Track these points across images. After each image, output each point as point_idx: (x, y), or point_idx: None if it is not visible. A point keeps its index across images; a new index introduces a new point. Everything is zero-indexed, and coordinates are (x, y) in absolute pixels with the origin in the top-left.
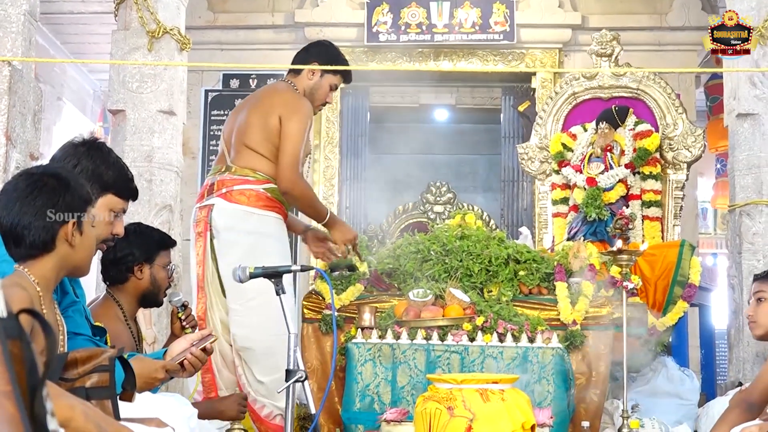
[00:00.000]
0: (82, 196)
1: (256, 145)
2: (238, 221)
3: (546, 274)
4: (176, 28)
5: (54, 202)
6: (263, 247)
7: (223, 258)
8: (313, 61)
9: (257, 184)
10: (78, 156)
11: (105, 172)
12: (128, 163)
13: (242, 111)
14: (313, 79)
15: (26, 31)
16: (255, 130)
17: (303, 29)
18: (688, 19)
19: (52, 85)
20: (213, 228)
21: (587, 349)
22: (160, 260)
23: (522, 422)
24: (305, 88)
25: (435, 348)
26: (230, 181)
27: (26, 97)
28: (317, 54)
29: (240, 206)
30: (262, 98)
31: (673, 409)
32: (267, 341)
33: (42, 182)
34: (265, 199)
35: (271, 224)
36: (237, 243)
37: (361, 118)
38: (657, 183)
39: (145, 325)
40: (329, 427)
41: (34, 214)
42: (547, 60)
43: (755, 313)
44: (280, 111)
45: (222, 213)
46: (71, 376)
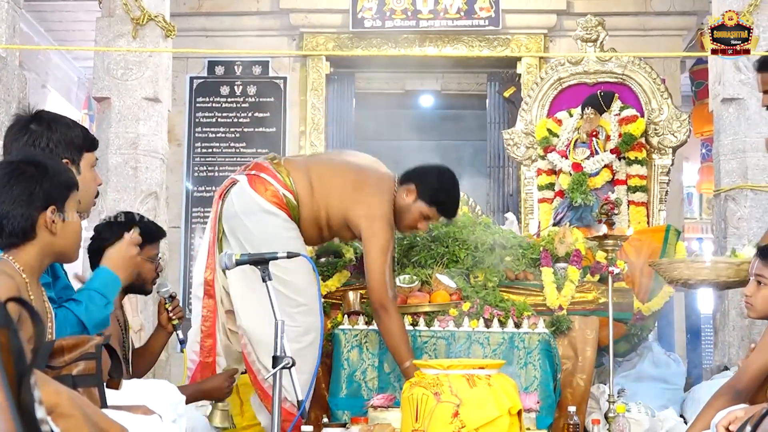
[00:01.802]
0: (63, 182)
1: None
2: (249, 205)
3: (532, 260)
4: (161, 14)
5: (31, 189)
6: (278, 233)
7: (241, 234)
8: (414, 184)
9: (281, 185)
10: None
11: (74, 135)
12: (114, 151)
13: (350, 165)
14: (406, 200)
15: (10, 19)
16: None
17: (288, 15)
18: (672, 4)
19: (36, 73)
20: (227, 201)
21: (573, 334)
22: (147, 251)
23: (509, 407)
24: (398, 205)
25: (421, 334)
26: (264, 167)
27: (10, 85)
28: (422, 182)
29: (254, 193)
30: (369, 179)
31: (659, 394)
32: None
33: (20, 170)
34: (278, 198)
35: (282, 218)
36: (243, 226)
37: (346, 104)
38: (642, 168)
39: (131, 312)
40: (316, 413)
41: (12, 202)
42: (532, 45)
43: (753, 295)
44: (371, 212)
45: (240, 193)
46: (58, 364)
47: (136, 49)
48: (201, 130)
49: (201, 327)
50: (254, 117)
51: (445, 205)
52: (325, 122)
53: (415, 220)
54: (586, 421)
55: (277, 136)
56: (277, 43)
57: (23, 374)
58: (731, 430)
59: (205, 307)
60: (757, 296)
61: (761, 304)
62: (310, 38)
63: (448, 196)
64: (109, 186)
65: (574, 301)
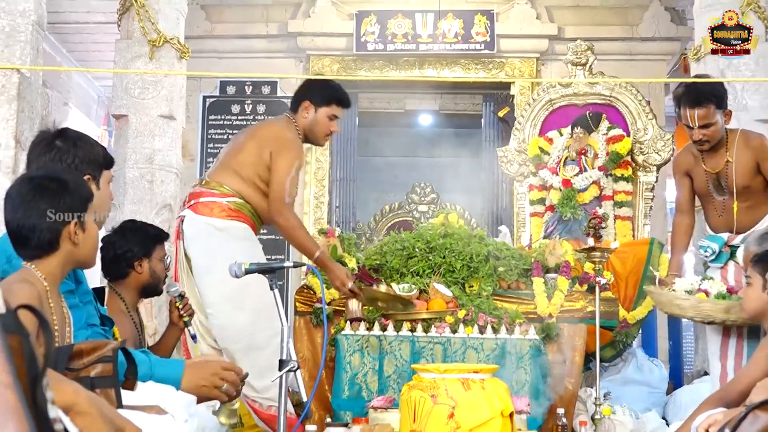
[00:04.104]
0: (82, 196)
1: (238, 165)
2: (201, 231)
3: (524, 270)
4: (176, 37)
5: (56, 203)
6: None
7: (195, 266)
8: (306, 100)
9: (221, 197)
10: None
11: (96, 153)
12: (131, 165)
13: (240, 136)
14: (308, 117)
15: (34, 41)
16: (244, 154)
17: (296, 38)
18: (658, 31)
19: (58, 91)
20: (184, 238)
21: (562, 341)
22: (157, 253)
23: (501, 409)
24: (304, 125)
25: (419, 339)
26: (199, 193)
27: (34, 103)
28: (310, 93)
29: (203, 217)
30: (261, 128)
31: (643, 397)
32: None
33: (43, 186)
34: (228, 210)
35: (233, 231)
36: (205, 251)
37: (350, 123)
38: (628, 184)
39: (147, 317)
40: (320, 413)
41: (38, 216)
42: (525, 69)
43: (744, 295)
44: (272, 146)
45: (190, 224)
46: (77, 366)
47: (153, 71)
48: (213, 146)
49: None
50: None
51: (337, 96)
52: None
53: (325, 125)
54: (573, 423)
55: None
56: (285, 64)
57: (36, 377)
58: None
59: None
60: (745, 296)
61: (749, 304)
62: (316, 60)
63: (333, 88)
64: (126, 198)
65: (563, 309)
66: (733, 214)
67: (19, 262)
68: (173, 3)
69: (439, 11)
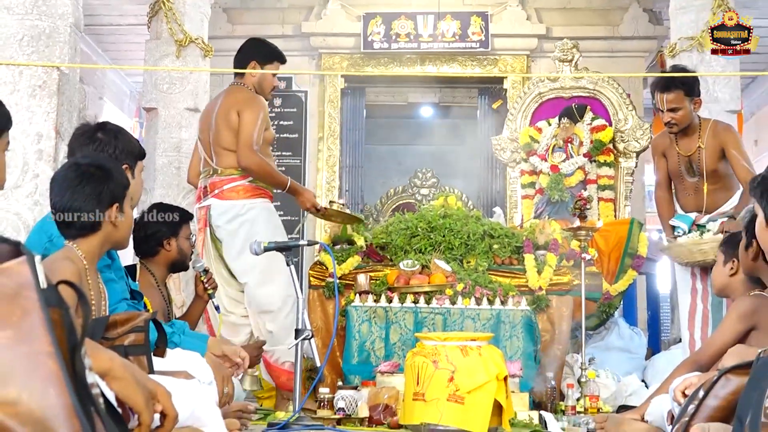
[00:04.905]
0: (122, 183)
1: (228, 144)
2: (233, 214)
3: (516, 248)
4: (200, 37)
5: (100, 190)
6: (256, 229)
7: (227, 247)
8: (251, 60)
9: (241, 179)
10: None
11: (133, 146)
12: (160, 153)
13: (211, 116)
14: (256, 76)
15: (72, 41)
16: (223, 131)
17: (309, 38)
18: (637, 30)
19: (94, 87)
20: (212, 225)
21: (551, 311)
22: (184, 232)
23: (496, 374)
24: (254, 84)
25: (422, 310)
26: (220, 182)
27: (72, 97)
28: (253, 52)
29: (232, 201)
30: (222, 102)
31: (624, 362)
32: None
33: (89, 173)
34: (252, 189)
35: (259, 210)
36: (236, 232)
37: (358, 115)
38: (610, 170)
39: (175, 291)
40: (332, 377)
41: (83, 200)
42: (516, 65)
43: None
44: (236, 108)
45: (219, 210)
46: (112, 336)
47: (179, 68)
48: None
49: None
50: (279, 125)
51: (276, 53)
52: (340, 130)
53: (270, 81)
54: (561, 386)
55: (298, 141)
56: (299, 62)
57: (75, 346)
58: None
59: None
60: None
61: (715, 278)
62: (327, 58)
63: (273, 47)
64: (156, 183)
65: (552, 282)
66: (704, 195)
67: (59, 242)
68: (198, 6)
69: (438, 13)
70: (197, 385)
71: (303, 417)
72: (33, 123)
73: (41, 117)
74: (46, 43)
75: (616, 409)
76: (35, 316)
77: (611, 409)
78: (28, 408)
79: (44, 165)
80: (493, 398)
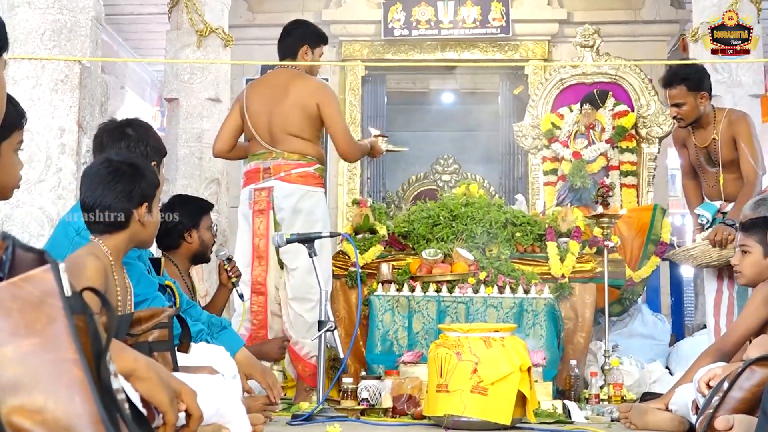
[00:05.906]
0: (153, 182)
1: (299, 131)
2: (299, 198)
3: (539, 235)
4: (221, 27)
5: (131, 188)
6: (315, 217)
7: (286, 230)
8: (303, 44)
9: (308, 166)
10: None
11: (161, 144)
12: (182, 144)
13: (271, 102)
14: (308, 59)
15: (93, 34)
16: (297, 118)
17: (329, 26)
18: (659, 14)
19: (116, 76)
20: (276, 206)
21: (574, 299)
22: (204, 223)
23: (519, 365)
24: (305, 68)
25: (444, 299)
26: (286, 165)
27: (94, 91)
28: (304, 36)
29: (298, 185)
30: (289, 89)
31: (648, 349)
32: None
33: (121, 170)
34: (317, 178)
35: (318, 198)
36: (299, 216)
37: (379, 102)
38: (633, 155)
39: (198, 281)
40: (355, 367)
41: (114, 197)
42: (537, 50)
43: (740, 263)
44: (315, 99)
45: (284, 192)
46: (136, 332)
47: (200, 61)
48: None
49: (252, 320)
50: None
51: (324, 36)
52: (361, 117)
53: (318, 65)
54: (585, 373)
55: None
56: None
57: (100, 353)
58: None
59: (254, 304)
60: (743, 264)
61: (748, 269)
62: (348, 45)
63: (317, 30)
64: (178, 174)
65: (575, 270)
66: (720, 185)
67: (87, 235)
68: None
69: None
70: (221, 381)
71: (327, 408)
72: (55, 117)
73: (63, 111)
74: (67, 37)
75: (640, 397)
76: (60, 324)
77: (635, 396)
78: (54, 415)
79: (67, 159)
80: (517, 389)
